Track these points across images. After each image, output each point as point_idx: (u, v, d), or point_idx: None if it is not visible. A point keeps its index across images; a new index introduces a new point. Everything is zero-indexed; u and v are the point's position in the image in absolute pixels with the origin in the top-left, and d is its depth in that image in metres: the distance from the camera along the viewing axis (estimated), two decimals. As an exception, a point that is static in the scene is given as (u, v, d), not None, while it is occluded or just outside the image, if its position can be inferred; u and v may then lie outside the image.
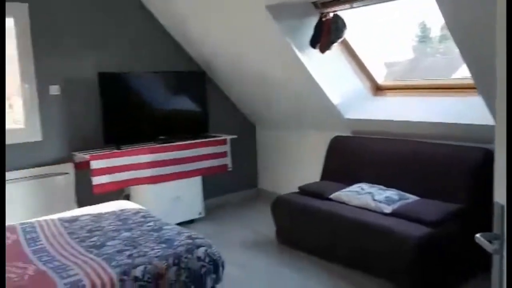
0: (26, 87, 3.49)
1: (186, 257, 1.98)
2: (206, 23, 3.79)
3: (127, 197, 3.82)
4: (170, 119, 4.03)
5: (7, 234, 2.32)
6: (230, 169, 4.20)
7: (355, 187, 3.19)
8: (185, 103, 4.12)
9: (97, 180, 3.40)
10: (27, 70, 3.48)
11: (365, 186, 3.17)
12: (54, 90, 3.60)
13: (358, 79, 3.72)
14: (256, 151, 4.97)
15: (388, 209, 2.83)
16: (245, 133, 4.80)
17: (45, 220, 2.55)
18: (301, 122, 4.27)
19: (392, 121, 3.41)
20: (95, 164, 3.38)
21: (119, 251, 2.03)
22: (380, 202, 2.90)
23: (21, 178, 3.39)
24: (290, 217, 3.35)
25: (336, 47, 3.42)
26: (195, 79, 4.19)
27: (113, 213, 2.66)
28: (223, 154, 4.11)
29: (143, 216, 2.55)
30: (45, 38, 3.52)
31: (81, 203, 3.54)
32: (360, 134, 3.73)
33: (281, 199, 3.46)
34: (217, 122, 4.36)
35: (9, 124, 3.61)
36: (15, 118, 3.62)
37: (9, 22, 3.40)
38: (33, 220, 2.57)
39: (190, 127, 4.15)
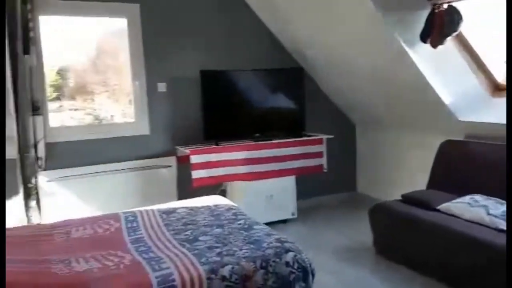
0: (137, 84, 3.74)
1: (274, 261, 1.92)
2: (308, 18, 3.69)
3: (224, 192, 3.90)
4: (267, 117, 4.02)
5: (111, 222, 2.49)
6: (325, 170, 4.05)
7: (467, 198, 2.84)
8: (282, 101, 4.07)
9: (196, 174, 3.52)
10: (138, 68, 3.72)
11: (478, 198, 2.80)
12: (162, 87, 3.81)
13: (474, 77, 3.32)
14: (355, 153, 4.75)
15: (505, 225, 2.46)
16: (344, 133, 4.61)
17: (146, 210, 2.69)
18: (407, 123, 3.95)
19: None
20: (194, 159, 3.50)
21: (210, 248, 2.04)
22: (496, 217, 2.54)
23: (129, 168, 3.64)
24: (390, 226, 3.11)
25: (450, 41, 3.08)
26: (293, 76, 4.12)
27: (207, 207, 2.71)
28: (319, 154, 3.98)
29: (235, 214, 2.55)
30: (154, 37, 3.73)
31: (181, 196, 3.70)
32: (474, 138, 3.32)
33: (381, 206, 3.23)
34: (314, 121, 4.25)
35: (125, 119, 3.90)
36: (130, 113, 3.90)
37: (123, 23, 3.67)
38: (135, 209, 2.72)
39: (287, 125, 4.10)
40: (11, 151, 3.06)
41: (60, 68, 3.75)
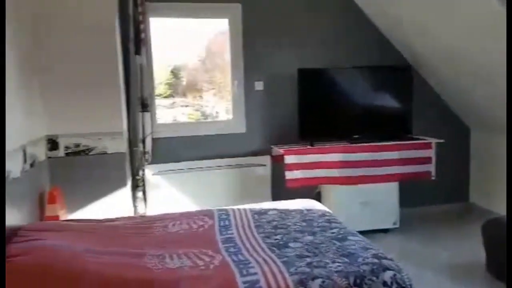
0: (236, 83, 3.79)
1: (370, 279, 1.75)
2: (420, 10, 3.37)
3: (319, 195, 3.78)
4: (368, 117, 3.79)
5: (206, 218, 2.52)
6: (434, 178, 3.69)
7: None
8: (386, 100, 3.80)
9: (290, 174, 3.45)
10: (237, 67, 3.77)
11: None
12: (259, 86, 3.81)
13: None
14: (469, 159, 4.26)
15: None
16: (456, 137, 4.16)
17: (239, 209, 2.68)
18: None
19: None
20: (288, 159, 3.44)
21: (299, 256, 1.94)
22: None
23: (225, 166, 3.71)
24: (506, 244, 2.70)
25: None
26: (399, 73, 3.83)
27: (299, 211, 2.61)
28: (427, 160, 3.64)
29: (328, 220, 2.41)
30: (254, 36, 3.74)
31: (275, 196, 3.68)
32: None
33: (496, 221, 2.85)
34: (422, 123, 3.90)
35: (229, 115, 3.97)
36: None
37: (224, 24, 3.73)
38: (228, 207, 2.73)
39: (390, 127, 3.82)
40: (122, 145, 3.28)
41: (174, 68, 4.01)
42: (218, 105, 4.11)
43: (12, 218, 2.25)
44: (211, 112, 4.09)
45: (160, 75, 3.90)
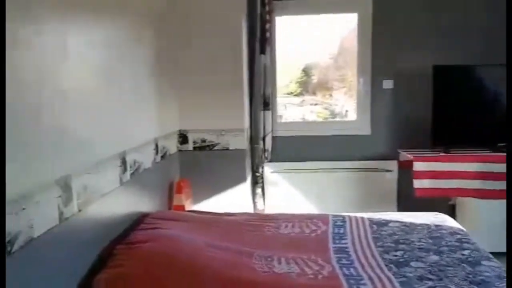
0: (361, 81, 3.59)
1: (505, 315, 1.47)
2: None
3: (452, 208, 3.37)
4: (517, 123, 3.24)
5: (319, 223, 2.42)
6: None
7: None
8: (543, 104, 3.20)
9: (418, 183, 3.15)
10: (364, 64, 3.57)
11: None
12: (387, 84, 3.56)
13: None
14: None
15: None
16: None
17: (356, 217, 2.51)
18: None
19: None
20: (418, 166, 3.14)
21: (421, 278, 1.72)
22: None
23: (346, 169, 3.55)
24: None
25: None
26: None
27: (426, 227, 2.34)
28: None
29: (459, 240, 2.11)
30: (384, 30, 3.50)
31: (401, 206, 3.41)
32: None
33: None
34: None
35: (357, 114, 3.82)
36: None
37: (354, 18, 3.57)
38: (345, 214, 2.59)
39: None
40: (243, 142, 3.37)
41: (306, 66, 4.03)
42: (348, 104, 3.97)
43: (144, 205, 2.47)
44: (340, 111, 3.99)
45: (291, 73, 3.91)
